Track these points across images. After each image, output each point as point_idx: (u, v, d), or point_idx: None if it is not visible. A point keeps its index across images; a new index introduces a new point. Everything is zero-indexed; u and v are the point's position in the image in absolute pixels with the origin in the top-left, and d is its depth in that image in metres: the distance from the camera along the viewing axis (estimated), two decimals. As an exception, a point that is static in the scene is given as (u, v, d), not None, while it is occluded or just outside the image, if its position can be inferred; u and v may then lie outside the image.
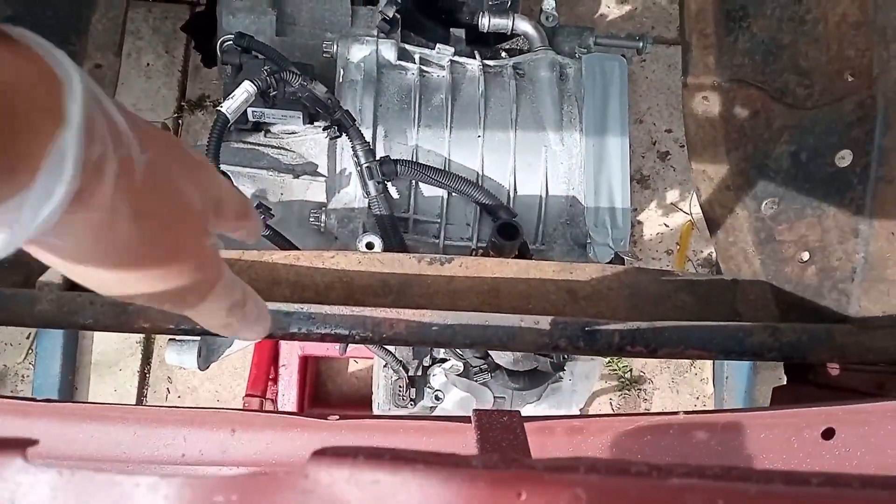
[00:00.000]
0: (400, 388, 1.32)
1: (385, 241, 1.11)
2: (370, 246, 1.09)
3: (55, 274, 0.83)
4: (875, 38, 0.94)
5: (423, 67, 1.26)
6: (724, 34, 1.13)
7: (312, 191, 1.19)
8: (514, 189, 1.22)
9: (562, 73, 1.29)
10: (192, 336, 1.11)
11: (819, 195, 0.97)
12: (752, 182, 1.04)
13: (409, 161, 1.15)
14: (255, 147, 1.18)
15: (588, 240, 1.20)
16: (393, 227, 1.12)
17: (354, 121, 1.10)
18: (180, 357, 1.18)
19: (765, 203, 1.02)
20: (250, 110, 1.11)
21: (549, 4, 1.40)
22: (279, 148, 1.19)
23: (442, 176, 1.15)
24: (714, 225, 1.05)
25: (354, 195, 1.15)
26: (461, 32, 1.42)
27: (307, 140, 1.20)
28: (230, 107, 1.00)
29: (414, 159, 1.18)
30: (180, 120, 2.10)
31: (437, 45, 1.30)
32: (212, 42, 1.60)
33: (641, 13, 2.26)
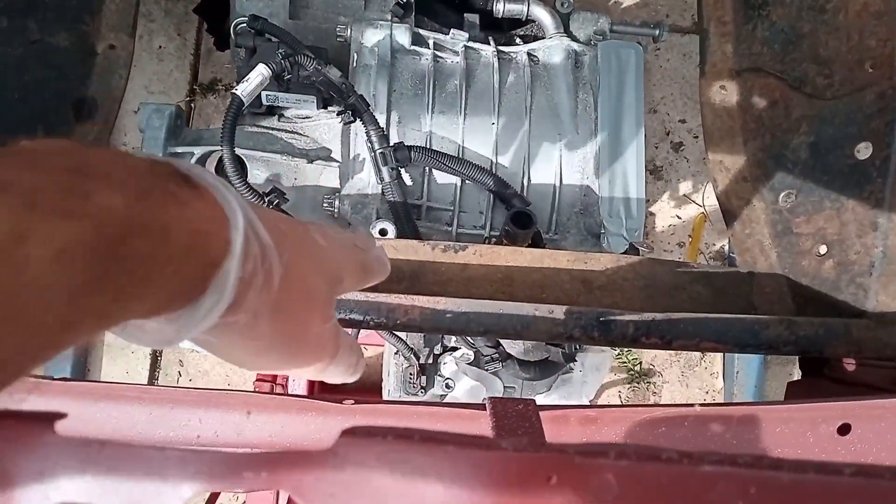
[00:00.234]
0: (411, 375, 1.32)
1: (398, 227, 1.10)
2: (383, 232, 1.08)
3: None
4: (898, 28, 0.92)
5: (437, 53, 1.25)
6: (743, 22, 1.11)
7: (326, 176, 1.18)
8: (528, 177, 1.21)
9: (577, 61, 1.28)
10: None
11: (837, 187, 0.96)
12: (769, 173, 1.03)
13: (423, 147, 1.14)
14: (269, 131, 1.17)
15: (602, 230, 1.19)
16: (406, 213, 1.12)
17: (369, 106, 1.10)
18: (193, 341, 1.18)
19: (782, 195, 1.01)
20: (264, 94, 1.10)
21: (564, -10, 1.38)
22: (293, 132, 1.19)
23: (456, 163, 1.14)
24: (730, 216, 1.04)
25: (368, 181, 1.15)
26: (475, 18, 1.40)
27: (321, 125, 1.20)
28: (245, 90, 1.00)
29: (427, 146, 1.18)
30: (192, 103, 2.09)
31: (452, 31, 1.28)
32: (224, 25, 1.59)
33: (656, 1, 2.23)
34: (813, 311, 0.94)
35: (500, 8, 1.33)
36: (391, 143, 1.12)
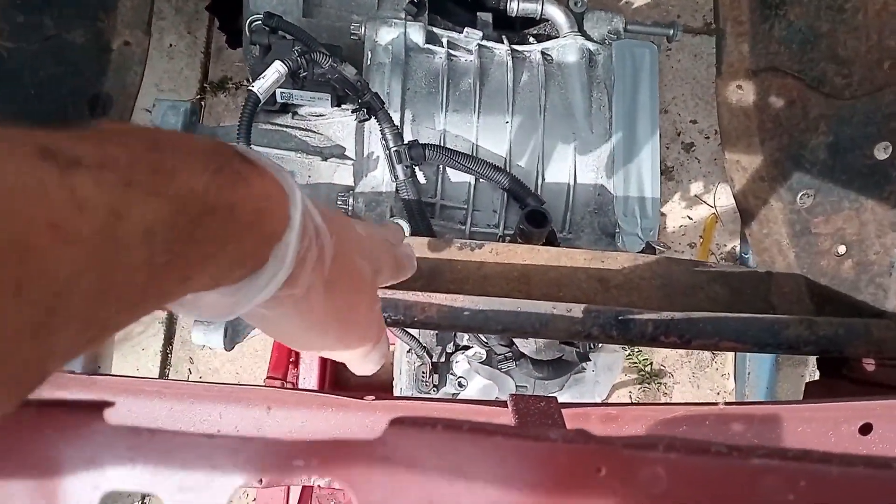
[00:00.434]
0: (423, 374, 1.32)
1: (412, 225, 1.10)
2: (397, 230, 1.08)
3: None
4: (920, 27, 0.92)
5: (451, 51, 1.24)
6: (760, 21, 1.11)
7: (340, 174, 1.18)
8: (542, 176, 1.21)
9: (591, 60, 1.28)
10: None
11: (857, 187, 0.96)
12: (787, 173, 1.03)
13: (437, 146, 1.14)
14: (283, 128, 1.17)
15: (617, 229, 1.18)
16: (420, 212, 1.11)
17: (384, 104, 1.09)
18: (207, 337, 1.18)
19: (800, 195, 1.00)
20: (279, 91, 1.10)
21: (578, -10, 1.38)
22: (307, 130, 1.19)
23: (471, 161, 1.14)
24: (748, 216, 1.03)
25: (382, 179, 1.15)
26: (488, 17, 1.40)
27: (335, 123, 1.20)
28: (261, 86, 0.99)
29: (441, 144, 1.17)
30: (202, 101, 2.09)
31: (466, 29, 1.28)
32: (237, 22, 1.60)
33: (667, 1, 2.23)
34: (831, 311, 0.93)
35: (515, 6, 1.32)
36: (405, 141, 1.11)
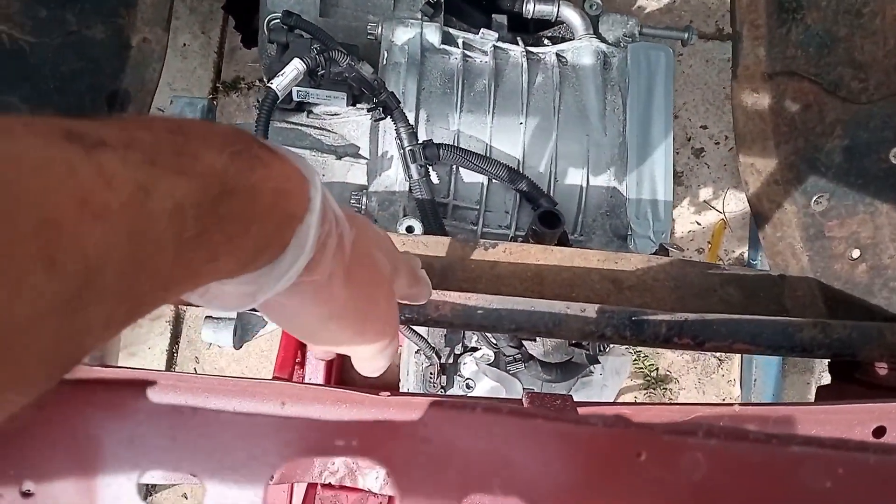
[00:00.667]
0: (431, 375, 1.32)
1: (425, 225, 1.10)
2: (410, 230, 1.09)
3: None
4: (938, 33, 0.92)
5: (466, 52, 1.25)
6: (777, 25, 1.11)
7: (353, 173, 1.19)
8: (555, 178, 1.21)
9: (605, 62, 1.28)
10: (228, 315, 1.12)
11: (872, 192, 0.96)
12: (801, 177, 1.02)
13: (452, 146, 1.14)
14: (298, 127, 1.18)
15: (629, 231, 1.19)
16: (433, 211, 1.12)
17: (399, 103, 1.10)
18: (216, 335, 1.19)
19: (815, 198, 1.00)
20: (295, 90, 1.11)
21: (593, -7, 1.38)
22: (321, 129, 1.19)
23: (484, 162, 1.14)
24: (762, 219, 1.03)
25: (395, 178, 1.15)
26: (503, 19, 1.41)
27: (349, 122, 1.20)
28: (280, 84, 1.00)
29: (455, 144, 1.18)
30: (215, 101, 2.10)
31: (481, 30, 1.29)
32: (252, 22, 1.60)
33: (680, 6, 2.23)
34: (845, 314, 0.93)
35: (531, 8, 1.33)
36: (420, 141, 1.12)
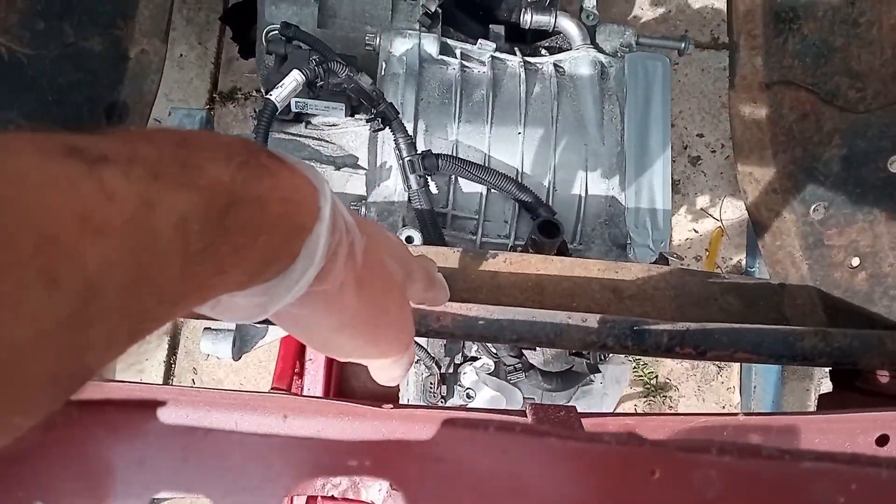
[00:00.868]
0: (431, 384, 1.31)
1: (424, 235, 1.10)
2: (409, 240, 1.08)
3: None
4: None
5: (464, 63, 1.25)
6: (773, 35, 1.12)
7: (352, 183, 1.19)
8: (554, 187, 1.21)
9: (603, 72, 1.28)
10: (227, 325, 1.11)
11: (870, 200, 0.96)
12: (800, 186, 1.03)
13: (451, 156, 1.14)
14: (297, 138, 1.18)
15: (628, 240, 1.19)
16: (433, 221, 1.12)
17: (398, 113, 1.10)
18: (215, 346, 1.18)
19: (813, 207, 1.00)
20: (294, 100, 1.11)
21: (589, 3, 1.39)
22: (320, 140, 1.19)
23: (483, 172, 1.14)
24: (761, 228, 1.03)
25: (394, 189, 1.15)
26: (500, 29, 1.41)
27: (348, 132, 1.20)
28: (279, 95, 1.00)
29: (454, 154, 1.18)
30: (212, 112, 2.10)
31: (479, 41, 1.29)
32: (250, 33, 1.61)
33: (675, 16, 2.24)
34: (845, 323, 0.93)
35: (528, 19, 1.33)
36: (419, 151, 1.12)
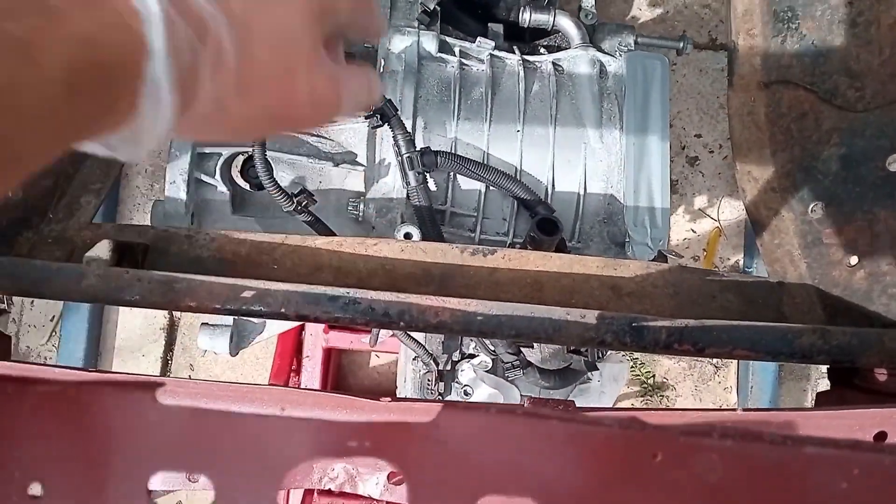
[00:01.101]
0: (428, 381, 1.31)
1: (423, 232, 1.10)
2: (408, 236, 1.08)
3: (102, 249, 0.83)
4: (933, 41, 0.93)
5: (463, 60, 1.25)
6: (772, 35, 1.12)
7: (351, 180, 1.18)
8: (553, 185, 1.21)
9: (602, 71, 1.29)
10: (233, 317, 1.12)
11: (869, 199, 0.96)
12: (798, 184, 1.03)
13: (449, 153, 1.14)
14: (295, 134, 1.17)
15: (626, 238, 1.19)
16: (431, 218, 1.11)
17: (397, 110, 1.10)
18: (212, 342, 1.18)
19: (812, 206, 1.00)
20: (293, 96, 1.10)
21: (588, 2, 1.39)
22: (318, 136, 1.19)
23: (482, 169, 1.14)
24: (759, 227, 1.03)
25: (393, 185, 1.15)
26: (499, 28, 1.41)
27: (347, 129, 1.20)
28: (277, 90, 1.00)
29: (453, 152, 1.18)
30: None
31: (478, 39, 1.29)
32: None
33: (673, 16, 2.24)
34: (843, 321, 0.93)
35: (527, 18, 1.33)
36: (418, 148, 1.12)
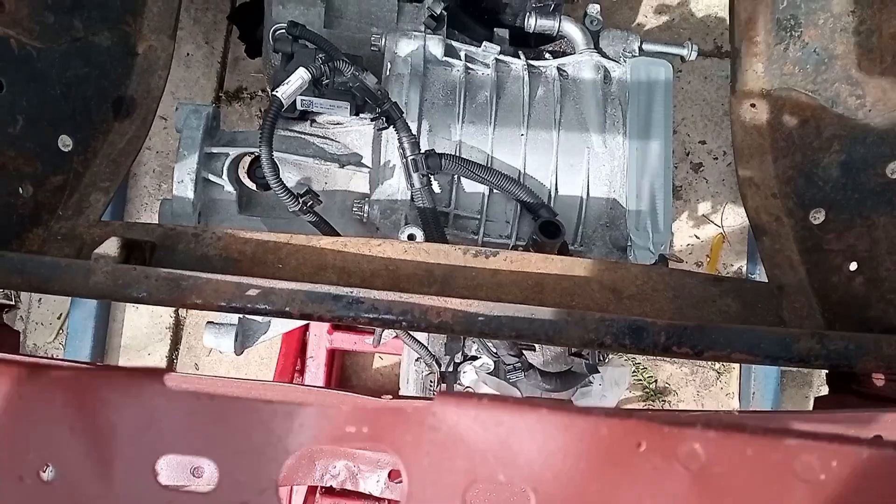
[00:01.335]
0: (431, 382, 1.32)
1: (427, 233, 1.11)
2: (412, 238, 1.09)
3: (111, 247, 0.85)
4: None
5: (468, 65, 1.26)
6: (775, 42, 1.13)
7: (356, 181, 1.20)
8: (556, 189, 1.22)
9: (606, 76, 1.30)
10: (239, 315, 1.13)
11: (869, 206, 0.97)
12: (799, 190, 1.04)
13: (454, 156, 1.15)
14: (302, 135, 1.19)
15: (628, 242, 1.20)
16: (435, 220, 1.13)
17: (402, 113, 1.11)
18: (217, 340, 1.20)
19: (812, 212, 1.01)
20: (299, 98, 1.12)
21: (593, 8, 1.40)
22: (325, 137, 1.20)
23: (485, 172, 1.16)
24: (760, 232, 1.04)
25: (397, 187, 1.16)
26: (505, 33, 1.42)
27: (352, 131, 1.21)
28: (285, 92, 1.01)
29: (457, 154, 1.19)
30: (218, 108, 2.12)
31: (483, 43, 1.30)
32: (256, 32, 1.62)
33: (679, 24, 2.26)
34: (842, 326, 0.94)
35: (532, 23, 1.35)
36: (422, 151, 1.13)
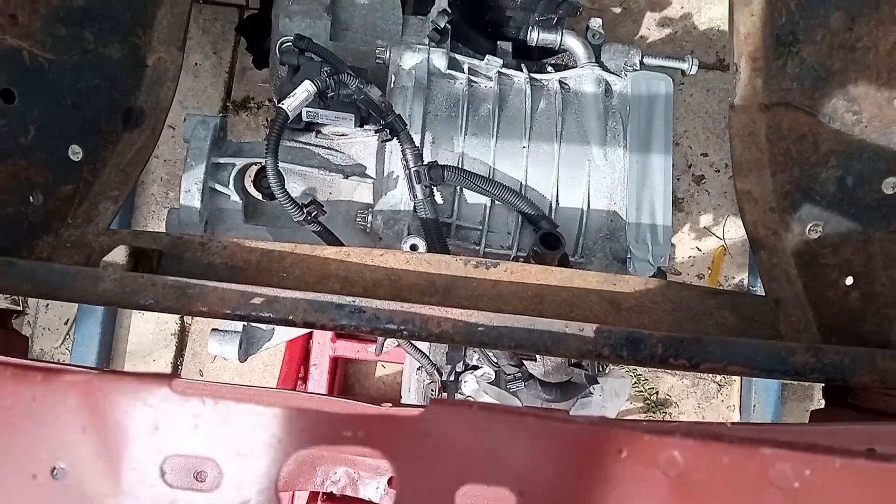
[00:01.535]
0: (432, 391, 1.33)
1: (429, 244, 1.13)
2: (414, 248, 1.11)
3: (119, 255, 0.86)
4: (929, 68, 0.95)
5: (471, 77, 1.28)
6: (774, 58, 1.14)
7: (359, 192, 1.21)
8: (557, 201, 1.24)
9: (607, 89, 1.31)
10: (243, 322, 1.14)
11: (865, 221, 0.98)
12: (796, 205, 1.05)
13: (456, 167, 1.17)
14: (307, 146, 1.21)
15: (628, 255, 1.21)
16: (437, 231, 1.14)
17: (406, 125, 1.13)
18: (222, 347, 1.21)
19: (809, 226, 1.02)
20: (305, 110, 1.14)
21: (595, 22, 1.42)
22: (329, 148, 1.22)
23: (487, 184, 1.17)
24: (757, 246, 1.05)
25: (401, 198, 1.18)
26: (508, 46, 1.44)
27: (357, 142, 1.23)
28: (291, 104, 1.03)
29: (460, 166, 1.21)
30: (225, 119, 2.14)
31: (487, 56, 1.32)
32: (264, 44, 1.64)
33: (681, 37, 2.27)
34: (838, 340, 0.95)
35: (535, 37, 1.37)
36: (425, 162, 1.15)
